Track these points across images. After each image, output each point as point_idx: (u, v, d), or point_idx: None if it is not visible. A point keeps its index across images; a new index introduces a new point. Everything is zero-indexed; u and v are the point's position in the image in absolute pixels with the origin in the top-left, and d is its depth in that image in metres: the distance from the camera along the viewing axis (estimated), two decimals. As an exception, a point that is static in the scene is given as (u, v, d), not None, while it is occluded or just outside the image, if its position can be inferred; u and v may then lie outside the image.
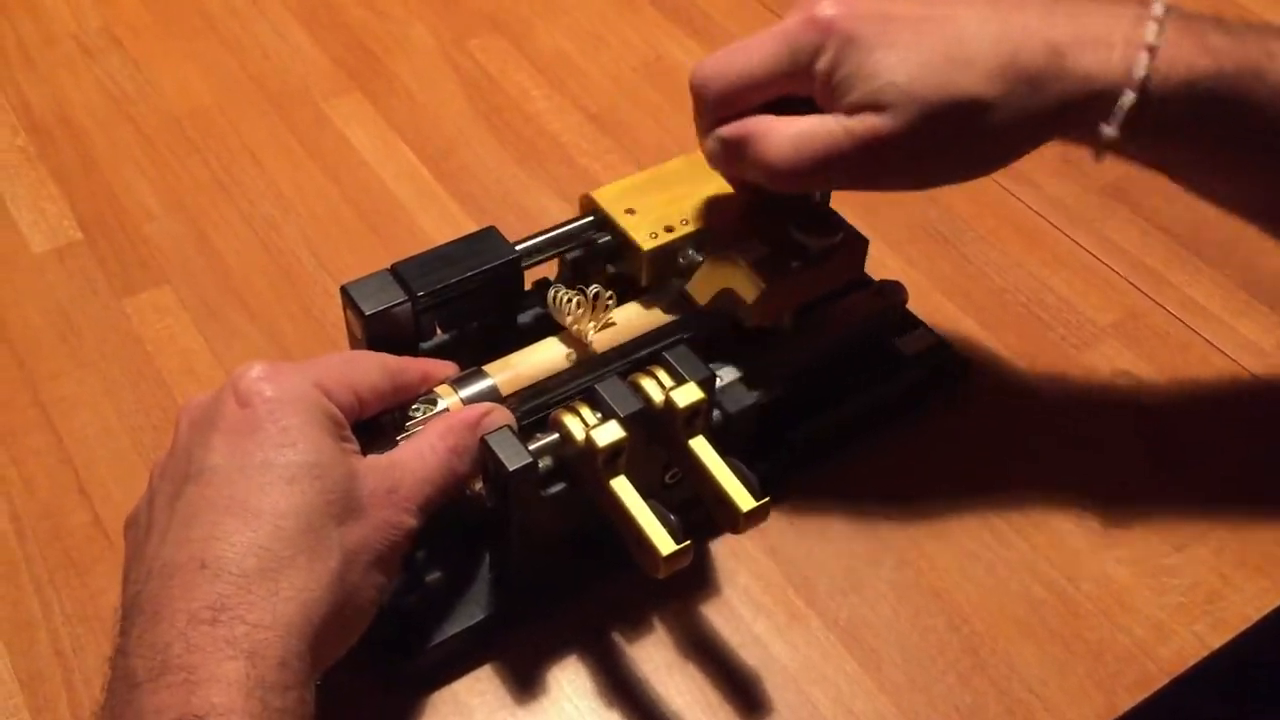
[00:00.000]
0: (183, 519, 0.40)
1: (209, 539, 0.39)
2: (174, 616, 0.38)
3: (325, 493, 0.41)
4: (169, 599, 0.38)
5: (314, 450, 0.41)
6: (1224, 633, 0.51)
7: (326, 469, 0.41)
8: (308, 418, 0.42)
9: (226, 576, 0.38)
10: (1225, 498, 0.56)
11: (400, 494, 0.43)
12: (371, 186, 0.70)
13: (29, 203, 0.68)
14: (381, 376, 0.46)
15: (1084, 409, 0.59)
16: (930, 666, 0.50)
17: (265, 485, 0.40)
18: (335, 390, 0.44)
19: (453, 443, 0.45)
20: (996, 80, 0.44)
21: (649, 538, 0.44)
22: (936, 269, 0.65)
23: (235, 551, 0.39)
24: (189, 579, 0.38)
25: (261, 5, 0.82)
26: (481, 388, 0.48)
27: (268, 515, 0.39)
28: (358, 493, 0.42)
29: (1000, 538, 0.54)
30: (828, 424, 0.55)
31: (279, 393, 0.42)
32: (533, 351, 0.50)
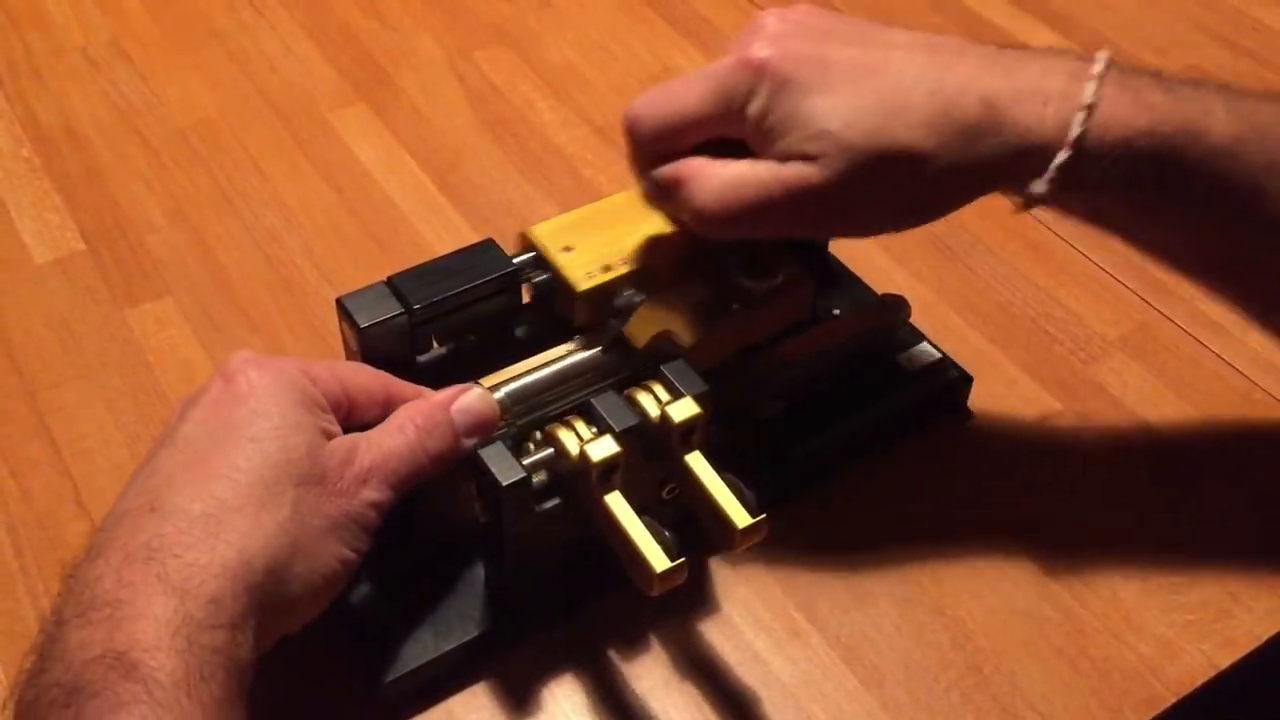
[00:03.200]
0: (145, 475, 0.42)
1: (163, 488, 0.40)
2: (110, 554, 0.38)
3: (286, 452, 0.41)
4: (111, 540, 0.39)
5: (281, 415, 0.42)
6: (1233, 652, 0.50)
7: (291, 431, 0.42)
8: (285, 392, 0.43)
9: (171, 519, 0.39)
10: (1235, 515, 0.55)
11: (363, 466, 0.43)
12: (375, 198, 0.70)
13: (33, 213, 0.68)
14: (373, 379, 0.46)
15: (1091, 424, 0.58)
16: (933, 684, 0.49)
17: (228, 444, 0.41)
18: (322, 379, 0.44)
19: (422, 421, 0.45)
20: (930, 131, 0.44)
21: (643, 554, 0.43)
22: (943, 282, 0.65)
23: (184, 497, 0.40)
24: (135, 521, 0.39)
25: (269, 18, 0.82)
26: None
27: (224, 468, 0.41)
28: (322, 460, 0.42)
29: (1005, 553, 0.53)
30: (830, 440, 0.55)
31: (262, 374, 0.43)
32: (530, 365, 0.49)
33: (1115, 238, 0.50)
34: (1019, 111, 0.44)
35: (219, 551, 0.38)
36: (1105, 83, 0.44)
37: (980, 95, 0.44)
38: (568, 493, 0.47)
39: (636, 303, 0.50)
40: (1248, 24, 0.82)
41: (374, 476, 0.43)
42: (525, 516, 0.46)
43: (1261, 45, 0.80)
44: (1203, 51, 0.80)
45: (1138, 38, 0.81)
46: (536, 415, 0.48)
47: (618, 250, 0.51)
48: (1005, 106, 0.44)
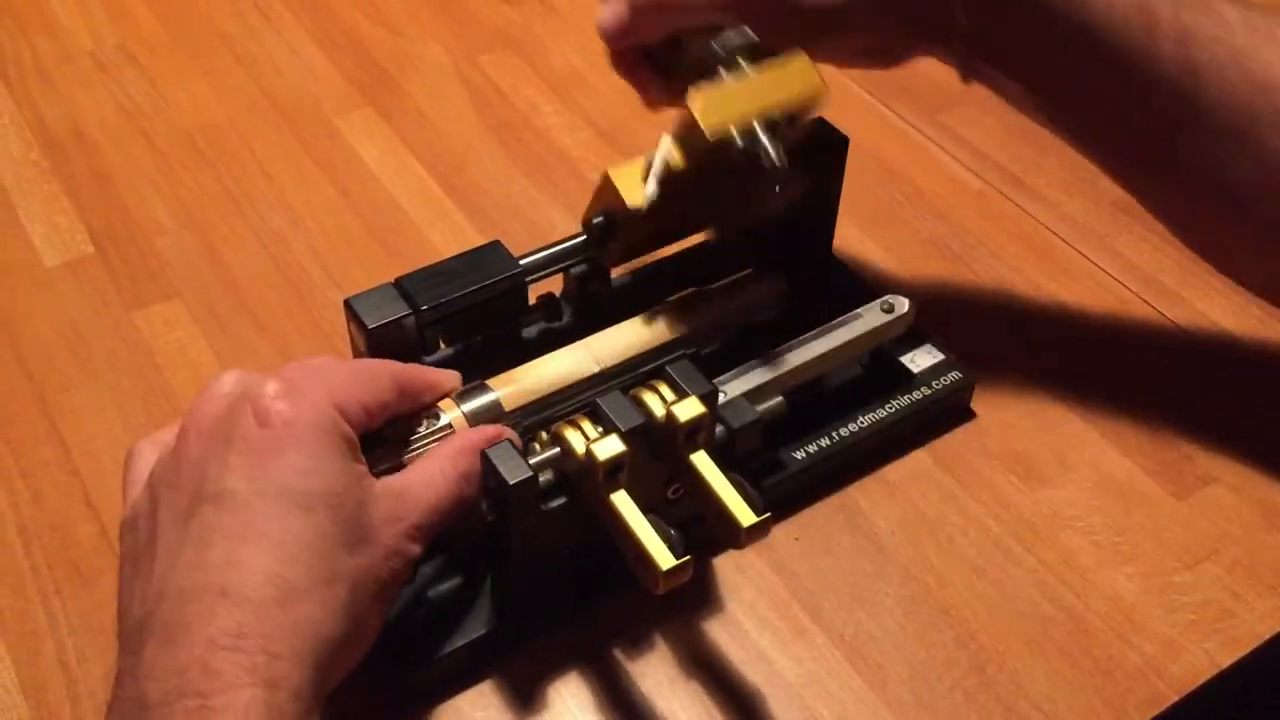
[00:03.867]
0: (197, 542, 0.40)
1: (227, 565, 0.39)
2: (192, 642, 0.37)
3: (339, 522, 0.41)
4: (186, 624, 0.38)
5: (330, 478, 0.41)
6: (1235, 651, 0.50)
7: (342, 498, 0.41)
8: (325, 442, 0.41)
9: (246, 605, 0.38)
10: (1236, 513, 0.55)
11: (408, 522, 0.43)
12: (381, 201, 0.70)
13: (42, 216, 0.68)
14: (390, 388, 0.46)
15: (1094, 424, 0.58)
16: (936, 683, 0.49)
17: (283, 514, 0.40)
18: (349, 408, 0.43)
19: (464, 468, 0.45)
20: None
21: (648, 553, 0.43)
22: (946, 284, 0.65)
23: (254, 579, 0.38)
24: (208, 605, 0.38)
25: (276, 23, 0.83)
26: (484, 402, 0.48)
27: (287, 545, 0.39)
28: (368, 520, 0.42)
29: (1009, 554, 0.53)
30: (833, 441, 0.55)
31: (297, 413, 0.41)
32: (537, 366, 0.50)
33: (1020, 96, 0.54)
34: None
35: (297, 642, 0.38)
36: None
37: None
38: (574, 492, 0.47)
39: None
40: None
41: (418, 534, 0.43)
42: (531, 515, 0.46)
43: (1263, 49, 0.80)
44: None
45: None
46: (543, 415, 0.49)
47: None
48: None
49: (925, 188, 0.71)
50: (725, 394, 0.50)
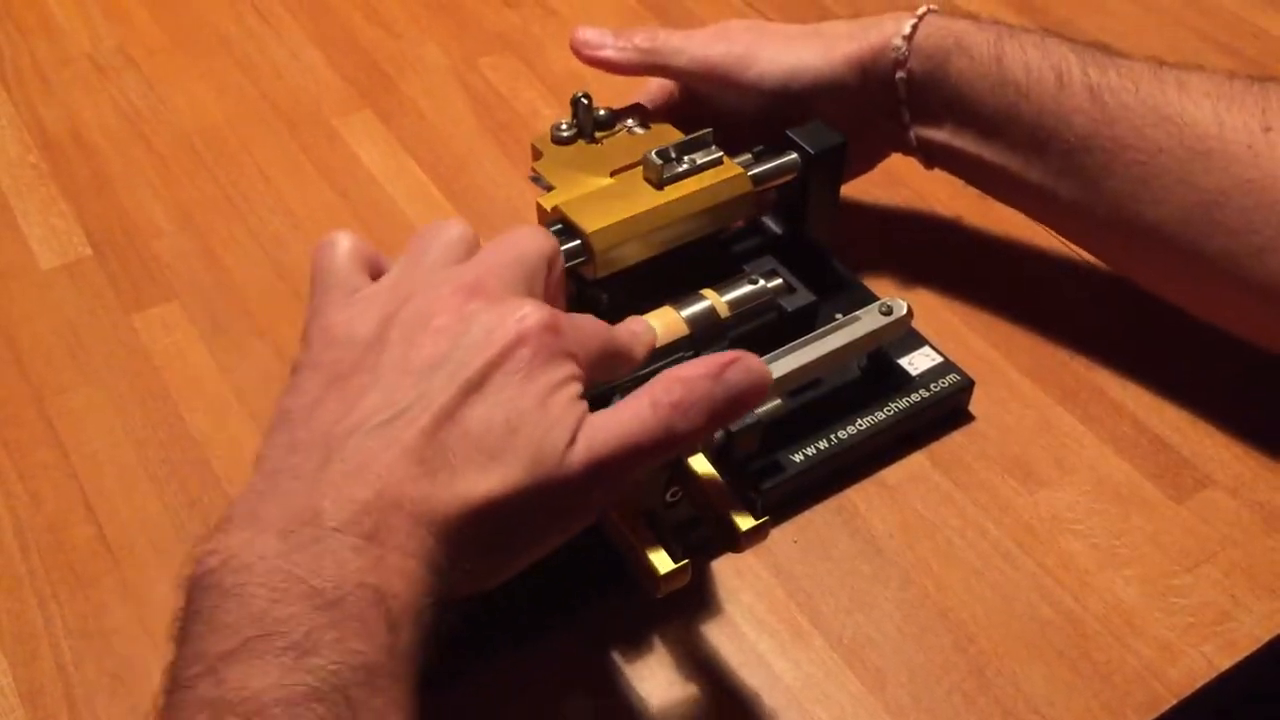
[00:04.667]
0: (415, 399, 0.38)
1: (434, 446, 0.38)
2: (379, 483, 0.37)
3: (549, 449, 0.38)
4: (379, 472, 0.37)
5: (562, 415, 0.39)
6: (1233, 654, 0.50)
7: (560, 436, 0.39)
8: (564, 383, 0.40)
9: (444, 495, 0.37)
10: (1235, 517, 0.55)
11: (595, 455, 0.39)
12: (381, 204, 0.70)
13: (39, 219, 0.68)
14: (601, 353, 0.43)
15: (1093, 428, 0.58)
16: (935, 687, 0.49)
17: (503, 426, 0.38)
18: (580, 368, 0.41)
19: (678, 396, 0.40)
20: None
21: (646, 557, 0.43)
22: (945, 286, 0.65)
23: (472, 483, 0.38)
24: (410, 474, 0.37)
25: (275, 25, 0.83)
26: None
27: (502, 460, 0.38)
28: (569, 461, 0.39)
29: (1007, 557, 0.53)
30: (832, 444, 0.55)
31: (555, 347, 0.40)
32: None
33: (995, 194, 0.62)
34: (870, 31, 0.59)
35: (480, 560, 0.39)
36: (936, 14, 0.59)
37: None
38: (572, 495, 0.47)
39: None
40: (1248, 30, 0.82)
41: (602, 468, 0.39)
42: (530, 519, 0.46)
43: (1262, 52, 0.80)
44: (1203, 58, 0.80)
45: (1138, 44, 0.81)
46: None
47: None
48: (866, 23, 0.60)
49: (924, 190, 0.71)
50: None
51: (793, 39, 0.60)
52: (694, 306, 0.53)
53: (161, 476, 0.56)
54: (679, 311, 0.52)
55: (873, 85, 0.59)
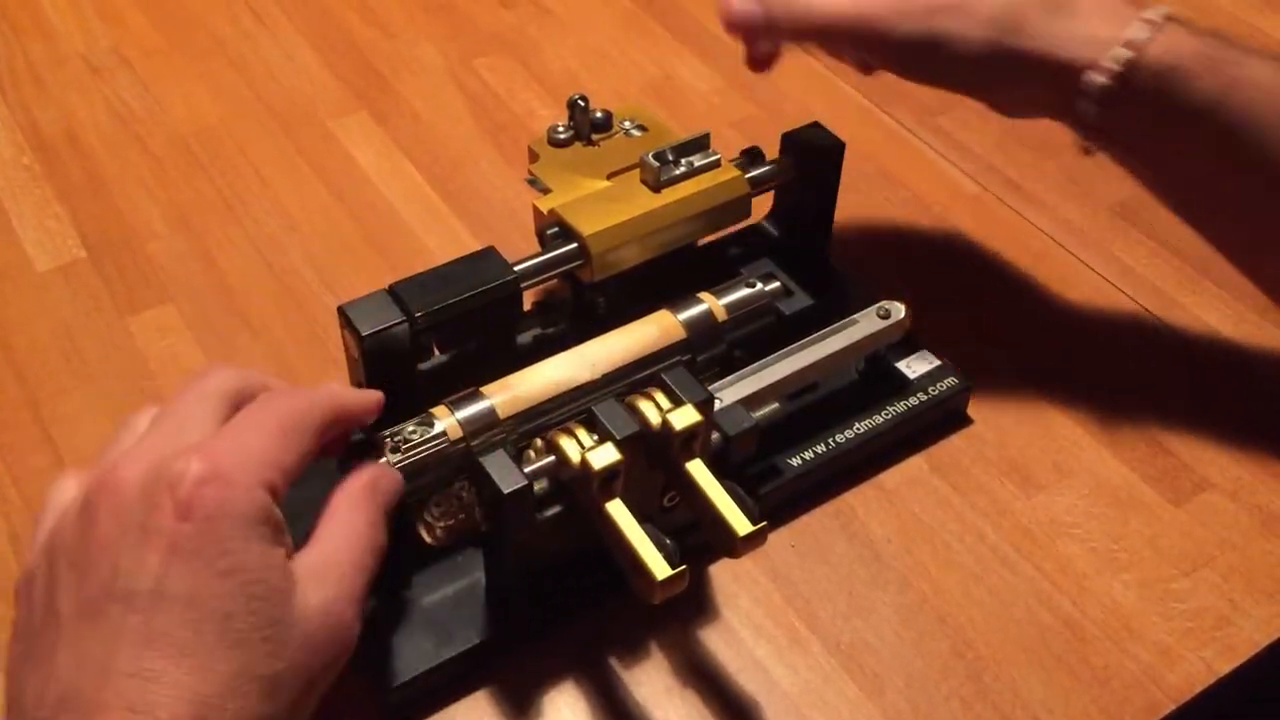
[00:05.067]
0: (103, 643, 0.36)
1: (136, 676, 0.35)
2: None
3: (264, 627, 0.37)
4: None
5: (253, 576, 0.37)
6: (1232, 659, 0.50)
7: (265, 598, 0.37)
8: (251, 536, 0.37)
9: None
10: (1233, 521, 0.55)
11: (345, 597, 0.40)
12: (377, 206, 0.70)
13: (34, 221, 0.68)
14: (314, 441, 0.41)
15: (1092, 430, 0.58)
16: (934, 692, 0.49)
17: (200, 622, 0.36)
18: (278, 481, 0.39)
19: (371, 516, 0.42)
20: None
21: (644, 562, 0.43)
22: (942, 290, 0.65)
23: (165, 695, 0.35)
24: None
25: (270, 26, 0.82)
26: (479, 409, 0.48)
27: (200, 657, 0.36)
28: (302, 614, 0.38)
29: (1006, 561, 0.53)
30: (830, 448, 0.55)
31: (225, 505, 0.37)
32: (531, 373, 0.50)
33: (1142, 174, 0.55)
34: (1091, 7, 0.51)
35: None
36: (1170, 20, 0.51)
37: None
38: (569, 500, 0.47)
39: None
40: (1245, 31, 0.82)
41: (355, 603, 0.40)
42: (526, 524, 0.46)
43: (1260, 53, 0.80)
44: (1201, 59, 0.80)
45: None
46: (537, 423, 0.48)
47: None
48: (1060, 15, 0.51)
49: (922, 192, 0.71)
50: (721, 401, 0.50)
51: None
52: (690, 310, 0.53)
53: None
54: (675, 315, 0.52)
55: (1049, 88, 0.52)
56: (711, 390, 0.49)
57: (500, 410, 0.48)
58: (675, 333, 0.52)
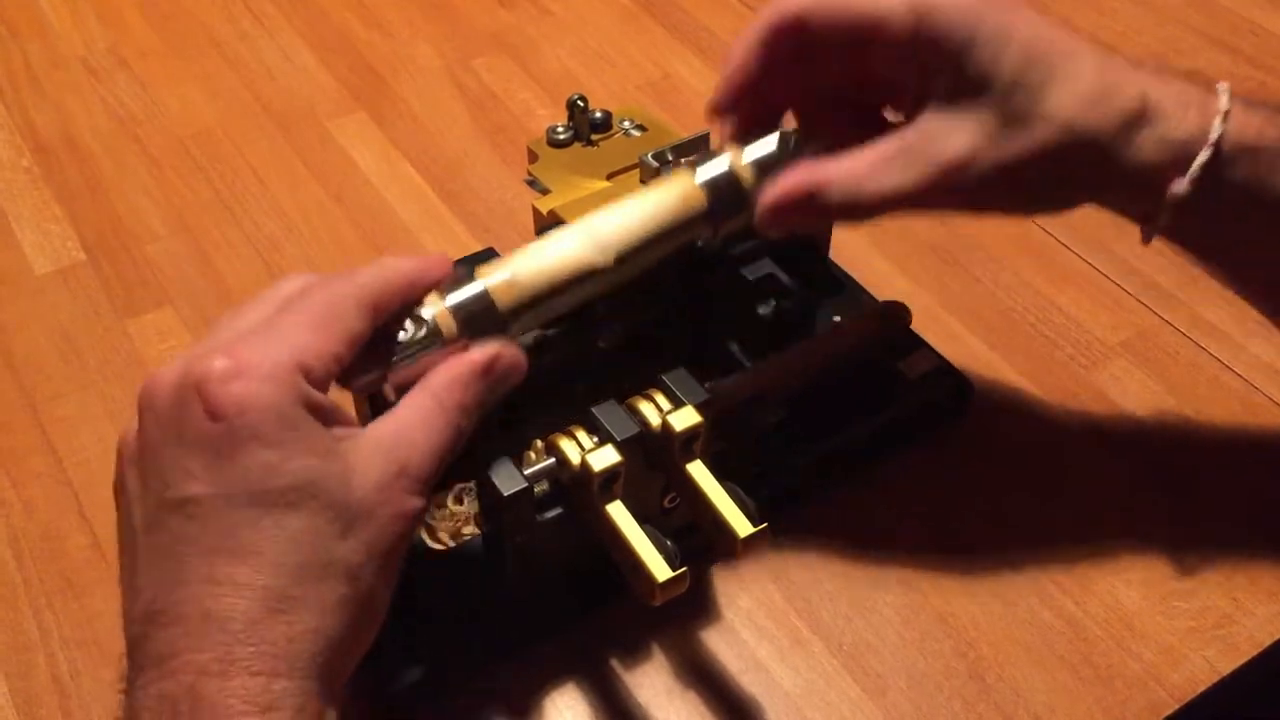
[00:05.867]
0: (171, 557, 0.37)
1: (207, 583, 0.36)
2: (181, 669, 0.35)
3: (324, 510, 0.37)
4: (173, 650, 0.36)
5: (304, 463, 0.37)
6: (1235, 658, 0.50)
7: (321, 482, 0.37)
8: (291, 423, 0.37)
9: (231, 626, 0.35)
10: (1236, 520, 0.55)
11: (409, 476, 0.39)
12: (375, 206, 0.70)
13: (33, 224, 0.68)
14: (358, 317, 0.40)
15: (1092, 429, 0.58)
16: (936, 693, 0.49)
17: (258, 518, 0.36)
18: (314, 366, 0.38)
19: (460, 398, 0.40)
20: (1093, 107, 0.43)
21: (644, 564, 0.43)
22: (944, 288, 0.65)
23: (239, 597, 0.36)
24: (192, 630, 0.36)
25: (268, 26, 0.82)
26: (472, 294, 0.43)
27: (267, 553, 0.36)
28: (357, 494, 0.38)
29: (1007, 561, 0.53)
30: (830, 448, 0.55)
31: (252, 396, 0.36)
32: (535, 251, 0.44)
33: (1220, 273, 0.51)
34: (1168, 108, 0.44)
35: (294, 654, 0.36)
36: (1234, 99, 0.45)
37: (1139, 89, 0.44)
38: (569, 502, 0.47)
39: None
40: (1246, 28, 0.82)
41: (419, 484, 0.39)
42: (527, 526, 0.46)
43: (1260, 49, 0.80)
44: (1202, 56, 0.80)
45: (1136, 43, 0.81)
46: (541, 310, 0.45)
47: None
48: (1158, 101, 0.44)
49: (922, 191, 0.70)
50: (721, 402, 0.50)
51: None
52: (711, 170, 0.45)
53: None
54: (695, 176, 0.46)
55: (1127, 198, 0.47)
56: (710, 389, 0.49)
57: (497, 297, 0.43)
58: (695, 200, 0.46)
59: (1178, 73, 0.46)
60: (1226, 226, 0.47)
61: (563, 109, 0.59)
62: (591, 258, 0.44)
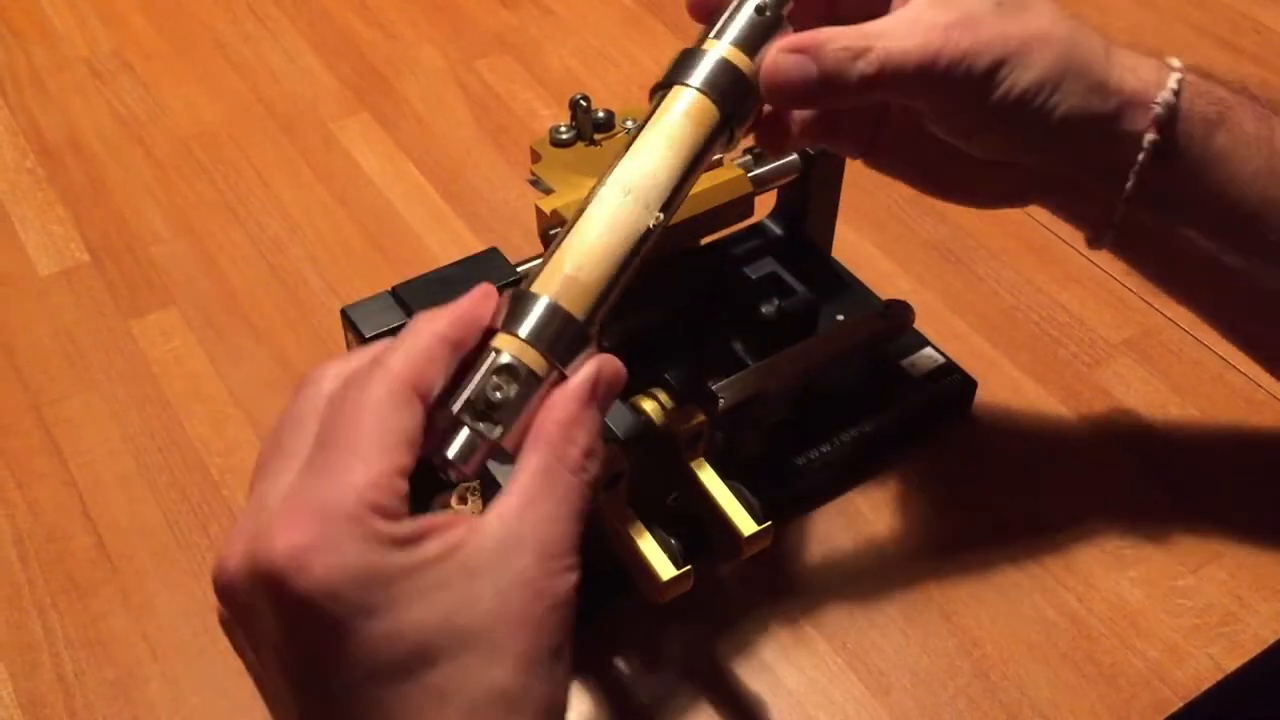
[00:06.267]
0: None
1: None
2: None
3: (465, 648, 0.32)
4: None
5: (420, 619, 0.32)
6: (1240, 656, 0.50)
7: (448, 625, 0.32)
8: (386, 579, 0.32)
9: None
10: (1240, 517, 0.55)
11: (553, 556, 0.34)
12: (379, 207, 0.70)
13: (37, 225, 0.68)
14: (410, 415, 0.35)
15: (1096, 427, 0.58)
16: (940, 691, 0.49)
17: (405, 694, 0.32)
18: (384, 497, 0.33)
19: (578, 441, 0.35)
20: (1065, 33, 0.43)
21: (649, 562, 0.43)
22: (947, 287, 0.65)
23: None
24: None
25: (272, 28, 0.82)
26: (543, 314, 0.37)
27: (431, 717, 0.32)
28: (497, 603, 0.33)
29: (1011, 559, 0.53)
30: (835, 446, 0.55)
31: (335, 571, 0.32)
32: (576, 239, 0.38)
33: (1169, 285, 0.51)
34: (1124, 59, 0.44)
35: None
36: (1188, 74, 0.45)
37: (1101, 39, 0.45)
38: (573, 501, 0.46)
39: None
40: (1248, 25, 0.82)
41: (568, 561, 0.35)
42: (531, 525, 0.45)
43: (1262, 47, 0.80)
44: (1203, 54, 0.80)
45: (1137, 41, 0.80)
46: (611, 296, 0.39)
47: None
48: (1118, 52, 0.45)
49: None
50: (725, 400, 0.50)
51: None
52: (704, 72, 0.41)
53: (161, 484, 0.56)
54: (696, 89, 0.41)
55: (1101, 138, 0.44)
56: (714, 389, 0.49)
57: (570, 306, 0.37)
58: (706, 113, 0.41)
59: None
60: (1178, 220, 0.46)
61: (566, 109, 0.59)
62: (639, 219, 0.38)
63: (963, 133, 0.44)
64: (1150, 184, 0.45)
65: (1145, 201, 0.45)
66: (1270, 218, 0.46)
